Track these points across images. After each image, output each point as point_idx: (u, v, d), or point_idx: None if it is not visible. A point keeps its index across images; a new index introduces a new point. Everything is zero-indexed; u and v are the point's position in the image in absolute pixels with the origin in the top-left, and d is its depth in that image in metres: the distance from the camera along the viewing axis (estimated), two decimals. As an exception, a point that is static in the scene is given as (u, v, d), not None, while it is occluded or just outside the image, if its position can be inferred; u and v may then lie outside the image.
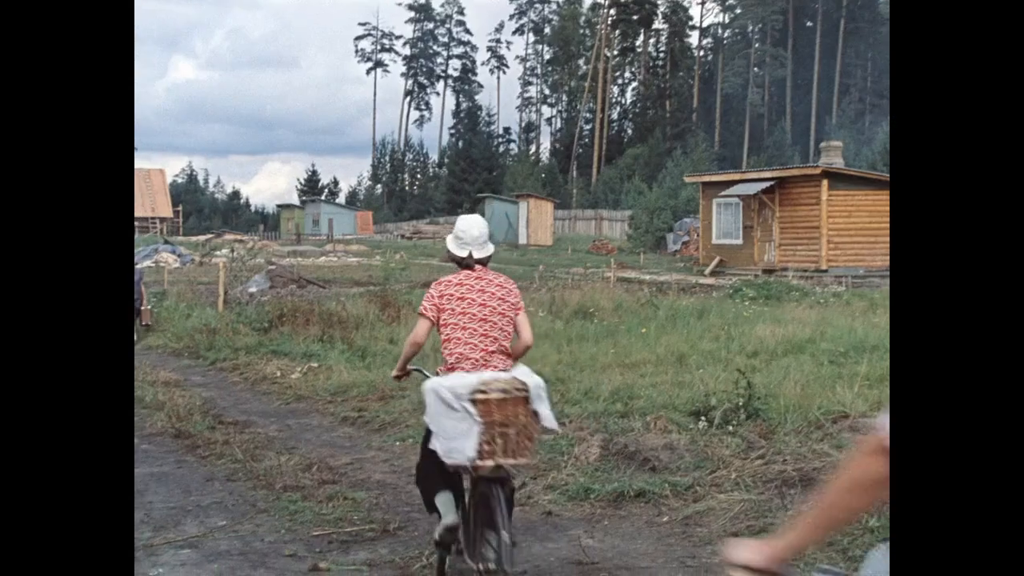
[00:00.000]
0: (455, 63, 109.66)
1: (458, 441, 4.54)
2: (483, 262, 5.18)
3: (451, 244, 5.24)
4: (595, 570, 5.16)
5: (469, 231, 5.16)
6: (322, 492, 7.20)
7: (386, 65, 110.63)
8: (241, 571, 5.45)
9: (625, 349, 13.27)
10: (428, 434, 4.83)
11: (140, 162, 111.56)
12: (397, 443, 8.91)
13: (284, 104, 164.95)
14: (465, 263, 5.14)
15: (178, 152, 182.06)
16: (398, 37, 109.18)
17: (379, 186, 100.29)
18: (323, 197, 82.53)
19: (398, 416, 9.80)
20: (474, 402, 4.54)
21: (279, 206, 76.70)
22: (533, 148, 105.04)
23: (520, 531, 6.14)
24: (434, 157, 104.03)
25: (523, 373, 4.86)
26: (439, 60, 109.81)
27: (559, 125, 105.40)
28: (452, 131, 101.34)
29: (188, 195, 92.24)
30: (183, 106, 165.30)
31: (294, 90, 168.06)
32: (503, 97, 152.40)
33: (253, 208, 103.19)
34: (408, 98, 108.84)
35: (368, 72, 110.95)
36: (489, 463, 4.59)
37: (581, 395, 9.97)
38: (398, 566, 5.47)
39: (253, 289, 22.90)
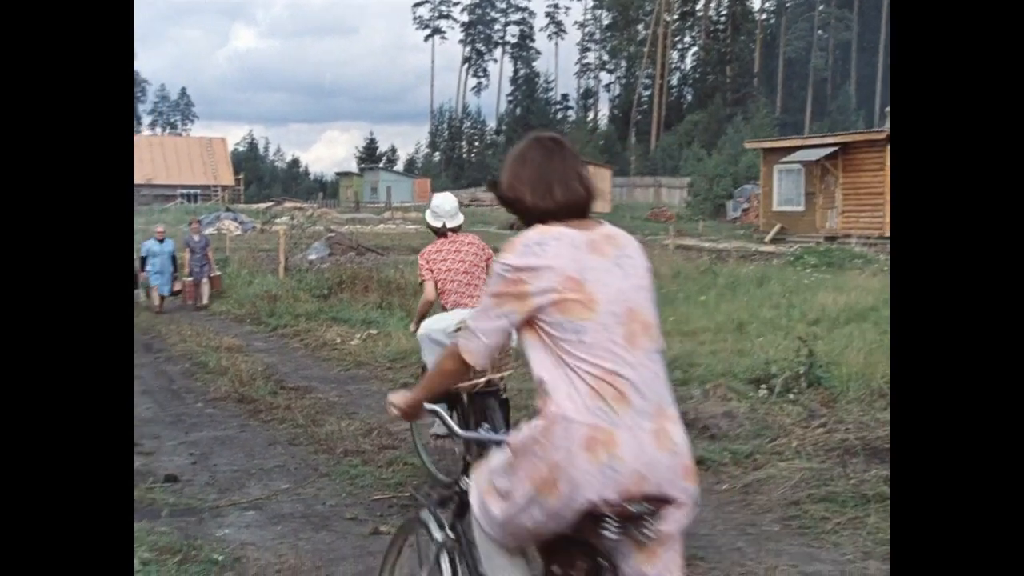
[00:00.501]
0: (513, 29, 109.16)
1: None
2: (455, 230, 6.60)
3: (429, 217, 6.63)
4: (654, 537, 5.14)
5: (443, 206, 6.55)
6: (382, 457, 7.27)
7: (444, 32, 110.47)
8: (304, 533, 5.53)
9: (684, 317, 13.17)
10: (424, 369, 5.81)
11: (202, 131, 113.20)
12: (456, 409, 8.97)
13: (343, 72, 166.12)
14: (441, 232, 6.58)
15: (239, 121, 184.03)
16: (456, 3, 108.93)
17: (437, 153, 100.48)
18: (381, 165, 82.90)
19: (457, 382, 9.85)
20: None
21: (338, 174, 77.30)
22: (591, 115, 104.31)
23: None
24: (492, 124, 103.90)
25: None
26: (497, 26, 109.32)
27: (617, 91, 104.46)
28: (510, 98, 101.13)
29: (249, 163, 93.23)
30: (244, 75, 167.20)
31: (353, 58, 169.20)
32: (561, 63, 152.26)
33: (312, 176, 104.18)
34: (466, 65, 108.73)
35: (426, 39, 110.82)
36: (482, 380, 5.60)
37: (639, 362, 9.92)
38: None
39: (313, 256, 23.13)
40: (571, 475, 2.33)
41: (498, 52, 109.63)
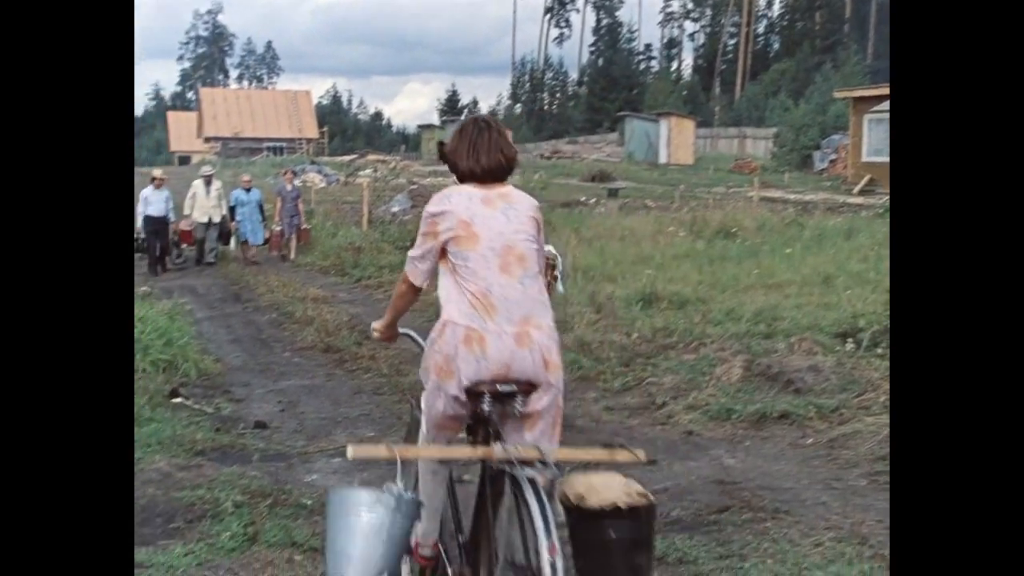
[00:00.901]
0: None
1: None
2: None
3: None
4: (737, 490, 5.13)
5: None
6: (465, 407, 7.36)
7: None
8: (389, 479, 5.62)
9: (769, 270, 12.99)
10: None
11: (288, 84, 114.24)
12: (537, 360, 9.00)
13: (426, 24, 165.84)
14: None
15: (323, 74, 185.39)
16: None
17: (518, 106, 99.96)
18: (463, 117, 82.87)
19: (538, 334, 9.89)
20: None
21: (420, 126, 77.39)
22: (675, 65, 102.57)
23: (660, 449, 6.15)
24: (574, 75, 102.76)
25: (549, 249, 6.32)
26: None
27: (702, 40, 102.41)
28: (592, 49, 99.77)
29: (332, 116, 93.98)
30: (327, 28, 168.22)
31: (436, 9, 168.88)
32: (644, 13, 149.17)
33: (395, 129, 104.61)
34: (548, 15, 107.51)
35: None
36: None
37: (723, 316, 9.84)
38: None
39: (396, 208, 23.30)
40: (457, 363, 3.17)
41: (580, 2, 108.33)
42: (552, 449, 3.18)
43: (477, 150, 3.43)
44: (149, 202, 16.70)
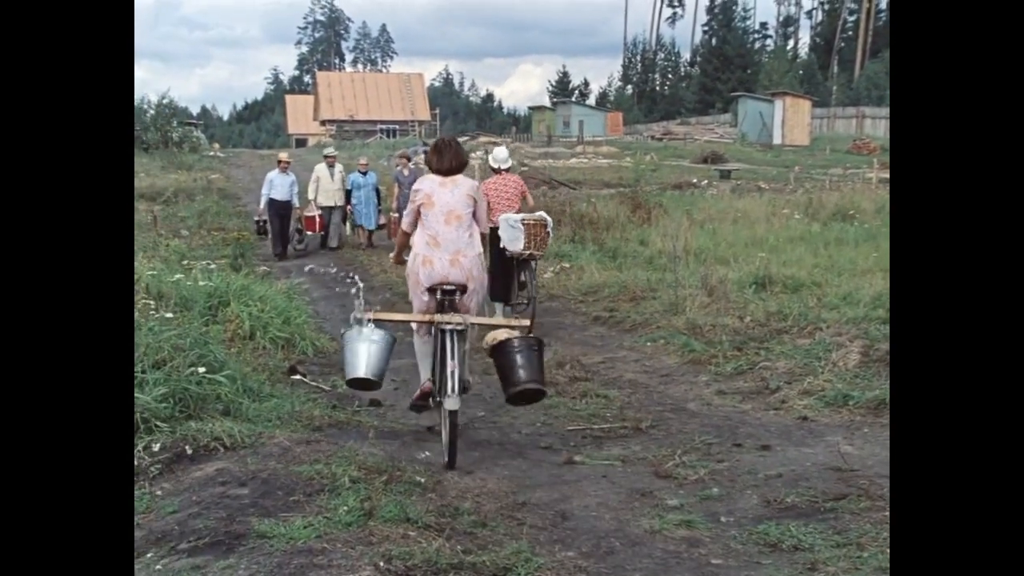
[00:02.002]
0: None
1: (516, 242, 9.67)
2: (507, 171, 10.52)
3: (491, 162, 10.68)
4: (854, 477, 5.01)
5: (499, 156, 10.60)
6: (575, 389, 7.37)
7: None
8: (501, 459, 5.69)
9: (887, 253, 12.63)
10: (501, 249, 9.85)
11: (401, 66, 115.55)
12: (648, 344, 8.96)
13: (538, 5, 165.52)
14: (496, 171, 10.43)
15: (436, 56, 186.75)
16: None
17: (629, 86, 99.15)
18: (573, 99, 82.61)
19: (649, 317, 9.83)
20: (523, 224, 9.66)
21: (530, 108, 77.46)
22: (791, 43, 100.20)
23: (775, 435, 6.06)
24: (686, 56, 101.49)
25: (542, 215, 10.01)
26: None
27: (820, 18, 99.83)
28: (705, 28, 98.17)
29: (444, 98, 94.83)
30: (441, 11, 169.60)
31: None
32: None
33: (505, 110, 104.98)
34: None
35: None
36: (528, 252, 9.73)
37: (839, 300, 9.63)
38: (651, 463, 5.53)
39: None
40: (419, 276, 5.83)
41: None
42: (469, 317, 5.83)
43: (441, 157, 5.98)
44: (274, 185, 16.69)
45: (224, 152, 45.71)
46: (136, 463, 4.83)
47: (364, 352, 5.64)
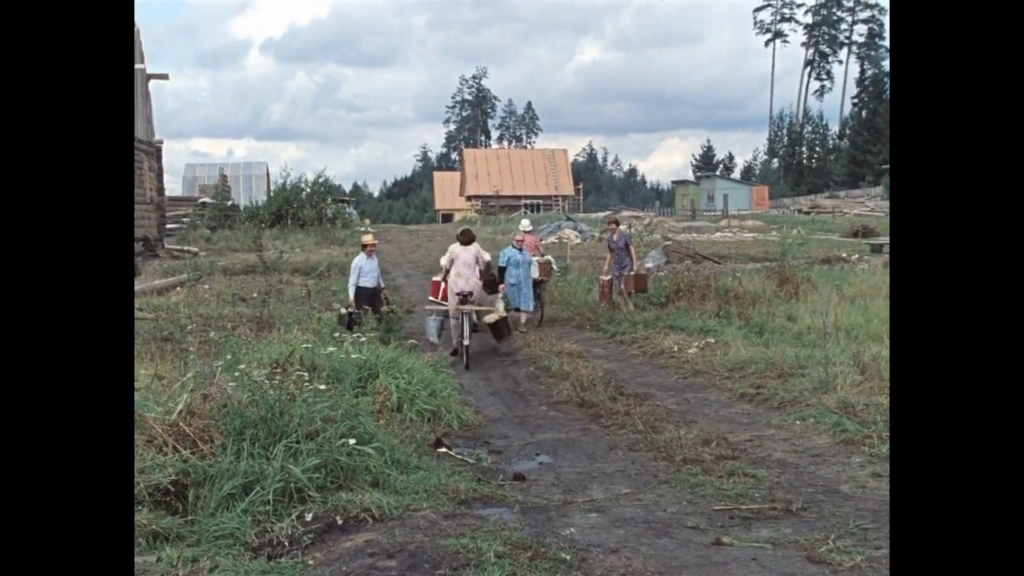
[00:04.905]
0: (860, 28, 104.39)
1: (535, 273, 16.64)
2: (527, 234, 17.11)
3: (518, 232, 16.99)
4: None
5: (525, 226, 17.33)
6: (721, 467, 7.22)
7: (785, 35, 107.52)
8: (646, 538, 5.60)
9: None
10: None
11: (545, 142, 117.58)
12: (797, 422, 8.72)
13: (685, 80, 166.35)
14: (517, 238, 16.45)
15: (580, 132, 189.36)
16: (799, 5, 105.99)
17: (775, 160, 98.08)
18: (718, 172, 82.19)
19: (798, 395, 9.58)
20: (538, 263, 16.87)
21: (674, 182, 77.48)
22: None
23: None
24: (834, 128, 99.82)
25: (548, 258, 18.16)
26: (843, 26, 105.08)
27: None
28: (855, 100, 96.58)
29: (588, 173, 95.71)
30: (588, 87, 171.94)
31: (696, 66, 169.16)
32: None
33: (649, 185, 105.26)
34: (808, 68, 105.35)
35: (767, 44, 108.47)
36: (541, 279, 16.87)
37: None
38: (803, 547, 5.35)
39: (650, 264, 23.35)
40: (454, 288, 13.94)
41: (843, 53, 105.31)
42: (474, 309, 13.77)
43: (464, 236, 14.31)
44: (363, 272, 14.83)
45: (374, 227, 47.18)
46: (290, 532, 4.96)
47: (433, 324, 14.32)
